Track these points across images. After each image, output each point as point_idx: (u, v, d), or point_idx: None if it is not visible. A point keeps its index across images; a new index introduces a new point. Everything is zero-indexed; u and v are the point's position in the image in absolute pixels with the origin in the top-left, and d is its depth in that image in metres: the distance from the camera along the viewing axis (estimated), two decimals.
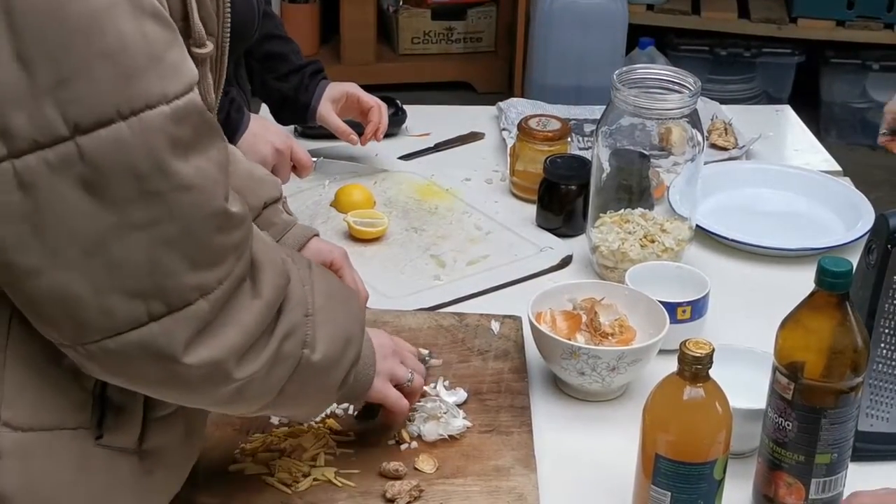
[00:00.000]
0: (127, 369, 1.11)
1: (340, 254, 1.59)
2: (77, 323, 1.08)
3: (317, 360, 1.24)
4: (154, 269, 1.08)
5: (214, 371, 1.14)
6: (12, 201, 1.03)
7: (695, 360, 1.27)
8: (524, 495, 1.38)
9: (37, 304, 1.08)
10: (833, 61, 4.63)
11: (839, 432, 1.33)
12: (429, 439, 1.47)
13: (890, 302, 1.43)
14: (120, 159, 1.04)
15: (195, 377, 1.13)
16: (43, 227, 1.05)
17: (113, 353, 1.09)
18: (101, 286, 1.07)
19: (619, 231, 1.83)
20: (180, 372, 1.11)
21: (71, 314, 1.07)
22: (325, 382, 1.29)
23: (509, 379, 1.60)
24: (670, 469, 1.29)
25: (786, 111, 2.65)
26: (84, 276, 1.06)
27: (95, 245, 1.06)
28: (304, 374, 1.24)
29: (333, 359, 1.28)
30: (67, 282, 1.06)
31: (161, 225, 1.07)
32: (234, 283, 1.13)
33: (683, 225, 1.85)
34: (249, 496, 1.36)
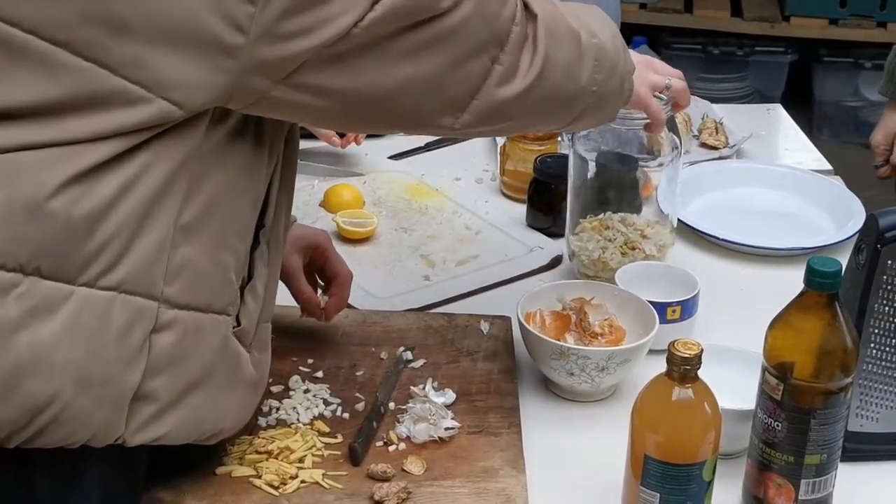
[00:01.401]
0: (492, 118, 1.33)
1: (324, 237, 1.64)
2: (450, 100, 1.28)
3: (608, 46, 1.41)
4: (484, 21, 1.26)
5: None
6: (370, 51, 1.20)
7: (683, 360, 1.27)
8: (512, 497, 1.37)
9: (418, 108, 1.28)
10: (826, 60, 4.63)
11: (829, 433, 1.32)
12: (417, 440, 1.46)
13: (879, 302, 1.42)
14: None
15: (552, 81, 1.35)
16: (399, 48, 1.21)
17: (482, 110, 1.30)
18: (457, 60, 1.25)
19: (600, 238, 1.79)
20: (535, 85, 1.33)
21: (444, 97, 1.28)
22: (617, 70, 1.43)
23: (498, 380, 1.59)
24: (659, 470, 1.29)
25: (777, 110, 2.64)
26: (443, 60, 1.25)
27: (441, 34, 1.23)
28: (603, 60, 1.40)
29: (615, 45, 1.43)
30: (433, 73, 1.25)
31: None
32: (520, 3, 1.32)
33: (664, 230, 1.82)
34: (237, 498, 1.36)
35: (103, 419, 1.18)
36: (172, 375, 1.22)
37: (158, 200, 1.18)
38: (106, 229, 1.15)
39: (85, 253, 1.15)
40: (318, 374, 1.58)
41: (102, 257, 1.16)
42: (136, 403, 1.20)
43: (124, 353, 1.18)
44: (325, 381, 1.56)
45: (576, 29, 1.37)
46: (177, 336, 1.22)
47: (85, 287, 1.15)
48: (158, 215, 1.18)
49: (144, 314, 1.19)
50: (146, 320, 1.19)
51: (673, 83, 1.63)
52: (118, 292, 1.17)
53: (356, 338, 1.66)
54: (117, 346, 1.17)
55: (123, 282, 1.17)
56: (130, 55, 1.12)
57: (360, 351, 1.64)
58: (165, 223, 1.19)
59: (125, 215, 1.16)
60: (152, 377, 1.20)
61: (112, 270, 1.16)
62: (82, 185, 1.14)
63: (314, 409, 1.51)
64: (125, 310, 1.18)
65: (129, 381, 1.19)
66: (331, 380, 1.57)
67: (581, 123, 1.48)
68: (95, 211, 1.14)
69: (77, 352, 1.15)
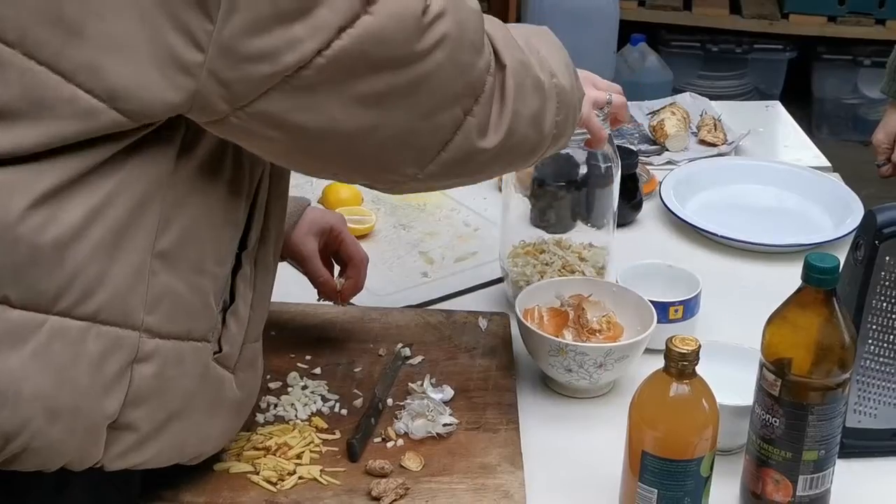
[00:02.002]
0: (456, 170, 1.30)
1: (338, 219, 1.63)
2: (418, 150, 1.24)
3: (566, 86, 1.38)
4: (459, 70, 1.22)
5: None
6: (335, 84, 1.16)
7: (681, 356, 1.27)
8: (510, 493, 1.37)
9: (382, 157, 1.24)
10: (825, 57, 4.64)
11: (826, 429, 1.32)
12: (415, 437, 1.46)
13: (877, 298, 1.42)
14: (404, 6, 1.16)
15: None
16: (366, 91, 1.17)
17: (447, 162, 1.27)
18: (427, 110, 1.22)
19: (536, 263, 1.75)
20: None
21: (411, 146, 1.23)
22: (573, 109, 1.42)
23: (496, 376, 1.59)
24: (657, 466, 1.29)
25: (776, 107, 2.64)
26: (413, 110, 1.21)
27: (413, 82, 1.19)
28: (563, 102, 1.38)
29: (571, 82, 1.41)
30: (401, 122, 1.21)
31: (448, 36, 1.20)
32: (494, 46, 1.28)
33: (602, 251, 1.77)
34: (235, 495, 1.36)
35: (77, 447, 1.17)
36: (153, 407, 1.21)
37: (130, 228, 1.15)
38: (76, 257, 1.13)
39: (56, 281, 1.13)
40: (317, 371, 1.58)
41: (76, 285, 1.13)
42: (116, 433, 1.19)
43: (98, 384, 1.16)
44: (324, 378, 1.56)
45: (541, 78, 1.33)
46: (158, 367, 1.20)
47: (58, 316, 1.14)
48: (132, 242, 1.16)
49: (123, 344, 1.17)
50: (125, 350, 1.17)
51: (614, 98, 1.61)
52: (94, 322, 1.15)
53: (354, 334, 1.66)
54: (90, 376, 1.16)
55: (100, 311, 1.15)
56: (83, 61, 1.09)
57: (359, 348, 1.64)
58: (141, 250, 1.17)
59: (95, 242, 1.13)
60: (133, 408, 1.19)
61: (88, 299, 1.14)
62: (46, 209, 1.11)
63: (312, 405, 1.51)
64: (100, 340, 1.16)
65: (105, 411, 1.17)
66: (329, 376, 1.57)
67: (538, 160, 1.44)
68: (63, 237, 1.12)
69: (46, 382, 1.13)
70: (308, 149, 1.22)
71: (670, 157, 2.27)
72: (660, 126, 2.32)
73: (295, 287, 1.70)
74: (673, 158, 2.27)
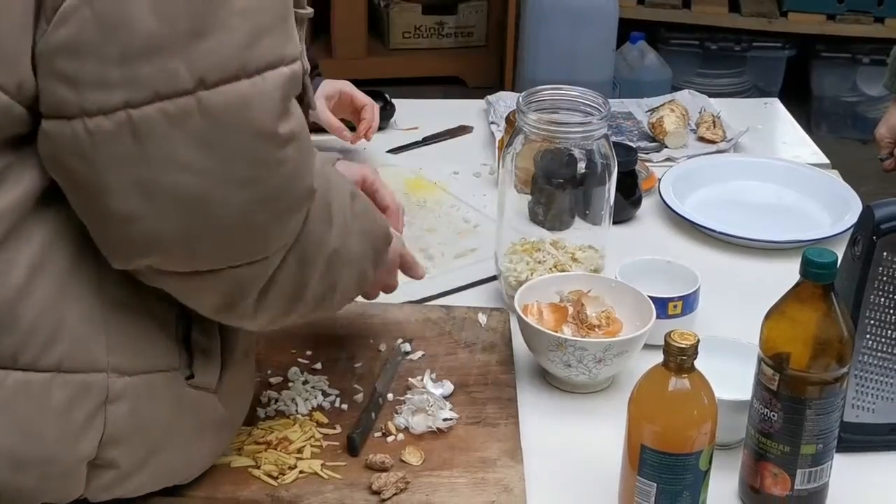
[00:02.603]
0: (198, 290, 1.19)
1: (369, 170, 1.59)
2: (165, 259, 1.15)
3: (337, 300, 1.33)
4: (245, 222, 1.13)
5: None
6: (124, 150, 1.07)
7: (679, 351, 1.28)
8: (510, 487, 1.38)
9: (127, 244, 1.14)
10: (824, 55, 4.64)
11: (824, 423, 1.33)
12: (415, 431, 1.47)
13: (875, 293, 1.43)
14: (237, 116, 1.08)
15: None
16: (148, 177, 1.08)
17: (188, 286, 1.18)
18: (193, 234, 1.12)
19: (529, 261, 1.75)
20: None
21: (161, 253, 1.14)
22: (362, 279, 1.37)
23: (496, 371, 1.60)
24: (656, 460, 1.30)
25: (774, 104, 2.65)
26: (179, 225, 1.11)
27: (196, 200, 1.10)
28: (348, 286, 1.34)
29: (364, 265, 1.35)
30: (162, 230, 1.11)
31: (259, 185, 1.11)
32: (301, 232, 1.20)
33: (595, 255, 1.78)
34: (236, 489, 1.36)
35: (51, 489, 1.17)
36: (133, 444, 1.21)
37: (73, 277, 1.15)
38: (27, 315, 1.12)
39: (14, 339, 1.12)
40: (317, 366, 1.58)
41: (34, 340, 1.13)
42: (96, 470, 1.19)
43: (68, 431, 1.16)
44: (324, 373, 1.57)
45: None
46: (131, 404, 1.19)
47: (22, 371, 1.13)
48: (79, 290, 1.15)
49: (90, 388, 1.16)
50: (94, 393, 1.17)
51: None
52: (58, 372, 1.14)
53: (354, 330, 1.67)
54: (58, 425, 1.15)
55: (62, 361, 1.14)
56: None
57: (359, 343, 1.64)
58: (90, 296, 1.16)
59: (44, 296, 1.13)
60: (111, 447, 1.19)
61: (49, 351, 1.14)
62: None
63: (313, 400, 1.51)
64: (66, 388, 1.15)
65: (79, 454, 1.17)
66: (329, 371, 1.57)
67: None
68: (10, 297, 1.11)
69: (11, 437, 1.13)
70: (77, 202, 1.14)
71: (669, 154, 2.28)
72: (659, 123, 2.33)
73: None
74: (672, 155, 2.27)
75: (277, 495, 1.35)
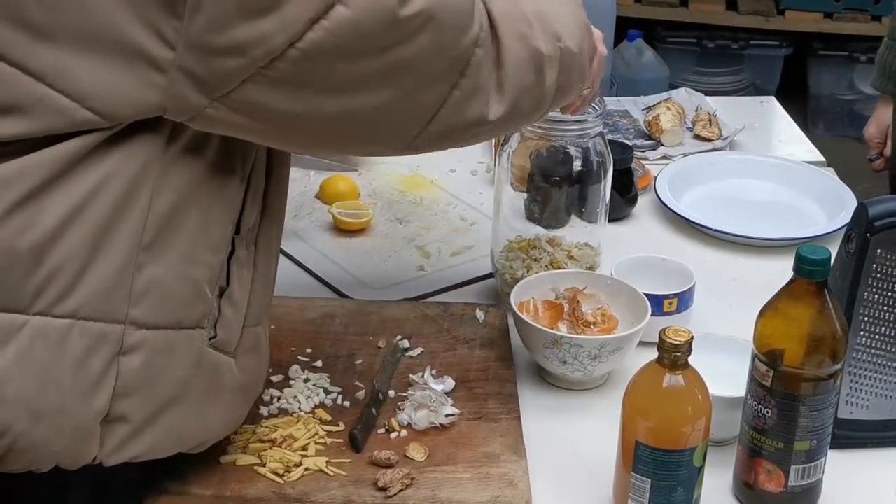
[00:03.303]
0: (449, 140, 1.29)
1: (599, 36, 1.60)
2: (401, 126, 1.24)
3: (573, 48, 1.36)
4: (442, 51, 1.20)
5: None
6: (313, 71, 1.15)
7: (674, 347, 1.28)
8: (514, 481, 1.39)
9: (366, 130, 1.23)
10: (821, 53, 4.65)
11: (818, 419, 1.34)
12: (418, 427, 1.47)
13: (869, 290, 1.44)
14: None
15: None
16: (345, 76, 1.16)
17: (435, 133, 1.25)
18: (410, 90, 1.20)
19: (525, 258, 1.76)
20: None
21: (394, 123, 1.23)
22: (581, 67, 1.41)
23: (496, 367, 1.60)
24: (650, 456, 1.30)
25: (771, 102, 2.65)
26: (397, 91, 1.19)
27: (393, 67, 1.17)
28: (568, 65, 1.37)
29: (582, 41, 1.39)
30: (384, 103, 1.20)
31: (431, 19, 1.17)
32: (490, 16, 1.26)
33: (591, 252, 1.79)
34: (242, 487, 1.37)
35: (65, 446, 1.18)
36: (144, 397, 1.21)
37: (113, 224, 1.15)
38: (53, 259, 1.13)
39: (34, 283, 1.13)
40: (318, 364, 1.59)
41: (53, 286, 1.14)
42: (109, 426, 1.20)
43: (83, 382, 1.16)
44: (325, 371, 1.57)
45: (540, 49, 1.31)
46: (146, 358, 1.20)
47: (39, 316, 1.14)
48: (115, 238, 1.16)
49: (107, 339, 1.17)
50: (109, 345, 1.17)
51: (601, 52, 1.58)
52: (76, 319, 1.15)
53: (353, 327, 1.68)
54: (74, 375, 1.16)
55: (80, 309, 1.15)
56: (52, 62, 1.10)
57: (358, 340, 1.65)
58: (125, 246, 1.16)
59: (75, 242, 1.14)
60: (122, 400, 1.19)
61: (67, 298, 1.14)
62: (22, 213, 1.12)
63: (315, 397, 1.52)
64: (84, 337, 1.16)
65: (94, 408, 1.18)
66: (330, 369, 1.58)
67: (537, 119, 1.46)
68: (41, 241, 1.12)
69: (29, 385, 1.14)
70: (290, 132, 1.22)
71: (665, 151, 2.29)
72: (655, 121, 2.33)
73: (294, 281, 1.72)
74: (668, 153, 2.28)
75: (284, 493, 1.36)
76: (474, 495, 1.36)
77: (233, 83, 1.14)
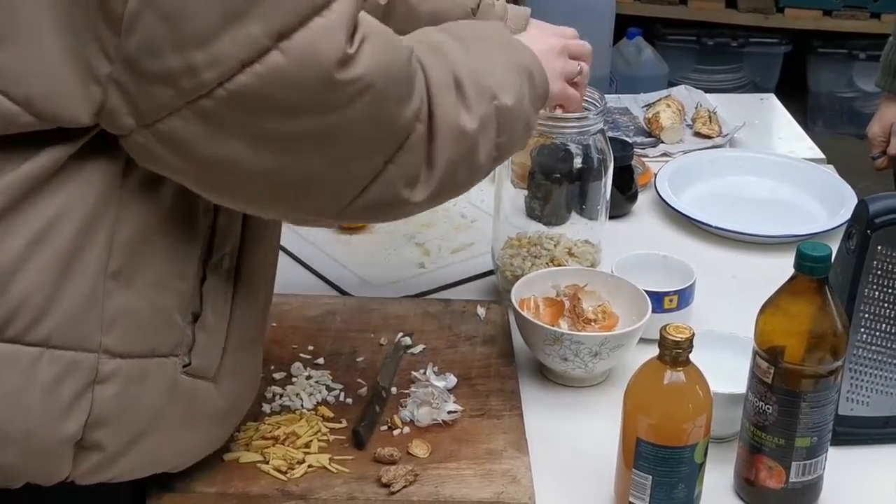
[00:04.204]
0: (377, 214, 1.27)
1: (571, 31, 1.61)
2: (329, 195, 1.20)
3: (510, 103, 1.32)
4: (380, 122, 1.17)
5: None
6: (237, 119, 1.12)
7: (675, 344, 1.29)
8: (517, 478, 1.39)
9: (290, 201, 1.20)
10: (820, 51, 4.65)
11: (819, 416, 1.34)
12: (421, 424, 1.47)
13: (870, 287, 1.44)
14: (322, 52, 1.11)
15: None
16: (272, 132, 1.13)
17: (364, 207, 1.22)
18: (339, 160, 1.17)
19: (526, 255, 1.76)
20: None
21: (322, 191, 1.20)
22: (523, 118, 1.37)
23: (498, 364, 1.61)
24: (651, 452, 1.31)
25: (770, 100, 2.65)
26: (322, 159, 1.16)
27: (323, 132, 1.14)
28: (506, 121, 1.32)
29: (520, 92, 1.35)
30: (309, 169, 1.17)
31: (369, 88, 1.14)
32: (426, 91, 1.23)
33: (592, 249, 1.79)
34: (246, 484, 1.37)
35: (35, 469, 1.18)
36: (119, 426, 1.21)
37: (78, 251, 1.15)
38: (20, 286, 1.13)
39: (3, 309, 1.12)
40: (320, 361, 1.59)
41: (24, 312, 1.13)
42: (82, 452, 1.20)
43: (52, 409, 1.16)
44: (327, 368, 1.58)
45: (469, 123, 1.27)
46: (120, 387, 1.19)
47: (9, 343, 1.14)
48: (81, 265, 1.15)
49: (78, 367, 1.17)
50: (82, 373, 1.17)
51: (583, 68, 1.57)
52: (46, 347, 1.15)
53: (355, 325, 1.68)
54: (43, 401, 1.16)
55: (51, 336, 1.15)
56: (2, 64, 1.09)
57: (360, 337, 1.65)
58: (92, 272, 1.16)
59: (41, 268, 1.13)
60: (96, 429, 1.19)
61: (38, 325, 1.14)
62: None
63: (317, 394, 1.52)
64: (53, 365, 1.15)
65: (63, 433, 1.17)
66: (332, 366, 1.58)
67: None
68: (6, 268, 1.12)
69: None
70: (214, 180, 1.18)
71: (665, 149, 2.29)
72: (655, 118, 2.34)
73: (296, 279, 1.72)
74: (668, 150, 2.28)
75: (287, 490, 1.36)
76: (477, 492, 1.37)
77: (161, 112, 1.11)
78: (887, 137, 2.48)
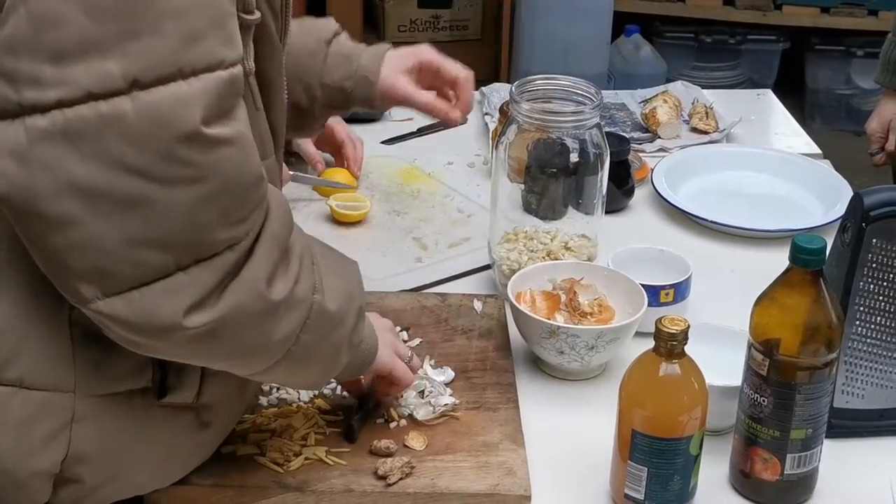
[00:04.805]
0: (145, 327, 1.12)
1: (427, 50, 1.63)
2: (105, 273, 1.09)
3: (330, 308, 1.24)
4: (197, 222, 1.09)
5: None
6: (58, 149, 1.05)
7: (670, 336, 1.29)
8: (513, 470, 1.39)
9: (65, 256, 1.08)
10: (818, 48, 4.65)
11: (814, 408, 1.34)
12: (418, 417, 1.48)
13: (865, 280, 1.44)
14: (173, 117, 1.06)
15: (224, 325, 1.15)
16: (84, 178, 1.06)
17: (140, 307, 1.10)
18: (135, 238, 1.08)
19: (523, 250, 1.75)
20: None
21: (101, 265, 1.08)
22: (333, 337, 1.27)
23: (494, 357, 1.61)
24: (646, 444, 1.31)
25: (767, 95, 2.66)
26: (119, 228, 1.07)
27: (136, 199, 1.07)
28: (316, 321, 1.23)
29: (342, 310, 1.27)
30: (101, 233, 1.07)
31: (203, 182, 1.08)
32: (257, 232, 1.15)
33: (588, 244, 1.78)
34: (243, 476, 1.37)
35: (11, 498, 1.19)
36: (98, 462, 1.22)
37: (37, 300, 1.15)
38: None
39: None
40: None
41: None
42: (63, 484, 1.21)
43: (23, 445, 1.17)
44: None
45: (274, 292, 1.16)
46: (99, 424, 1.20)
47: None
48: (42, 311, 1.16)
49: (52, 407, 1.17)
50: (57, 413, 1.18)
51: (414, 358, 1.48)
52: (20, 388, 1.16)
53: None
54: (16, 438, 1.17)
55: (24, 377, 1.16)
56: None
57: None
58: (55, 319, 1.16)
59: (6, 315, 1.15)
60: (75, 465, 1.20)
61: (10, 367, 1.15)
62: None
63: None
64: (26, 405, 1.16)
65: (34, 467, 1.18)
66: None
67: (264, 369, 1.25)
68: None
69: None
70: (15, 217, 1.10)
71: (662, 144, 2.29)
72: (652, 114, 2.34)
73: None
74: (665, 146, 2.28)
75: (284, 482, 1.37)
76: (473, 484, 1.37)
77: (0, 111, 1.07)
78: (886, 134, 2.48)
